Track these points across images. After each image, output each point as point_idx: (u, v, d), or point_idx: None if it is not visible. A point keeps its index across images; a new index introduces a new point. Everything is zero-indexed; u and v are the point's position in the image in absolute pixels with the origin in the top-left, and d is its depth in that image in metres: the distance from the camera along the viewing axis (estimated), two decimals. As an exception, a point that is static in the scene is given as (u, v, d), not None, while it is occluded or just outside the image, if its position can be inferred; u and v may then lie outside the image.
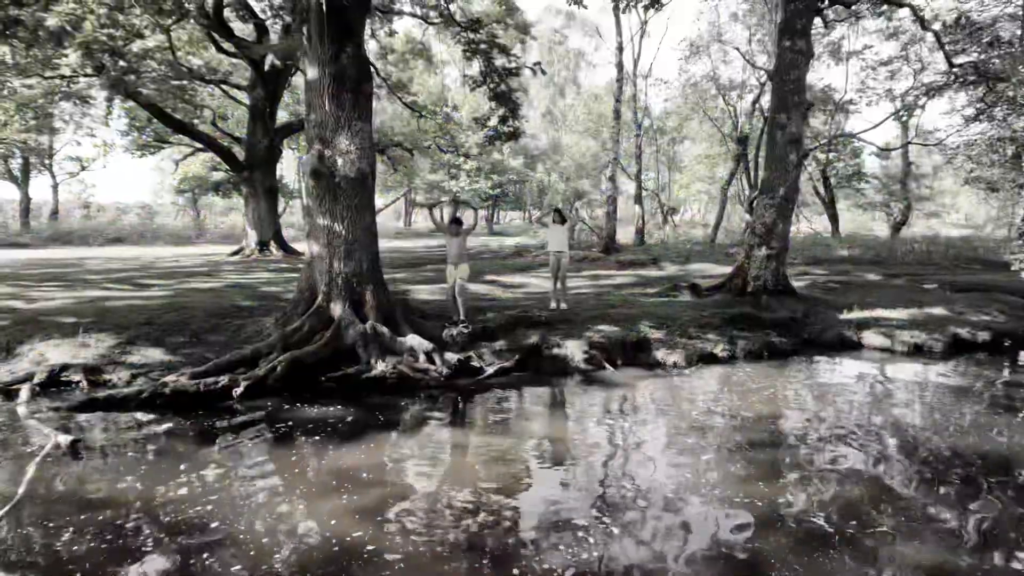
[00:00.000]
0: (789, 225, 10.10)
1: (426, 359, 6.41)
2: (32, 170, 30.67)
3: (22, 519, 3.34)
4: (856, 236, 25.62)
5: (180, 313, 7.82)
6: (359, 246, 6.89)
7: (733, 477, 4.03)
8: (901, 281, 12.51)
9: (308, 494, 3.70)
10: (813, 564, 3.00)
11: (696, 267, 14.60)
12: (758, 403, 5.69)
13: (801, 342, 8.05)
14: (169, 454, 4.40)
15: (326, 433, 4.76)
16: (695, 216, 47.45)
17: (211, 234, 28.41)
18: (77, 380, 5.97)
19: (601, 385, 6.30)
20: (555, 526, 3.34)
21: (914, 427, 5.18)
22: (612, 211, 20.02)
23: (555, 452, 4.49)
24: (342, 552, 3.04)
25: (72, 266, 14.61)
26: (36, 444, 4.44)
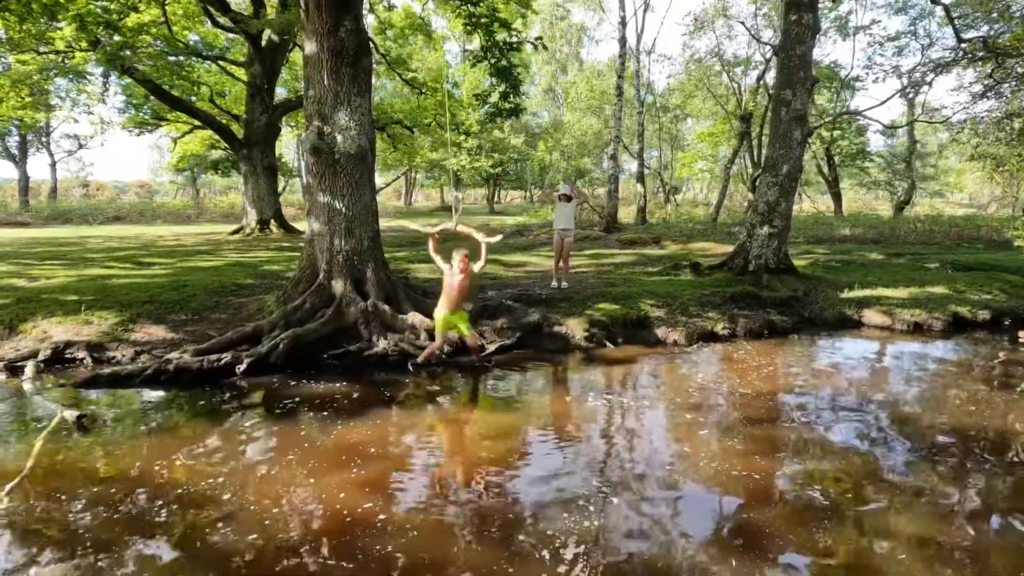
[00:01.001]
0: (792, 203, 10.04)
1: (428, 337, 6.44)
2: (30, 148, 30.45)
3: (31, 492, 3.40)
4: (859, 215, 25.52)
5: (182, 291, 7.83)
6: (359, 223, 6.87)
7: (731, 451, 4.08)
8: (903, 260, 12.49)
9: (315, 468, 3.75)
10: (808, 534, 3.06)
11: (698, 246, 14.57)
12: (757, 380, 5.72)
13: (801, 320, 8.07)
14: (175, 430, 4.45)
15: (330, 409, 4.81)
16: (697, 195, 47.16)
17: (211, 213, 28.29)
18: (81, 357, 6.01)
19: (602, 362, 6.34)
20: (557, 497, 3.39)
21: (911, 404, 5.22)
22: (613, 190, 19.87)
23: (556, 427, 4.54)
24: (353, 523, 3.10)
25: (73, 245, 14.59)
26: (42, 419, 4.49)
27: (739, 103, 24.13)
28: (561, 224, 8.91)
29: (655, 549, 2.92)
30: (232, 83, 20.39)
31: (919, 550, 2.93)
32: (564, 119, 39.91)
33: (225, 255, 12.37)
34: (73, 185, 43.55)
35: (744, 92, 24.53)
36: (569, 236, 8.95)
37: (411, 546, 2.89)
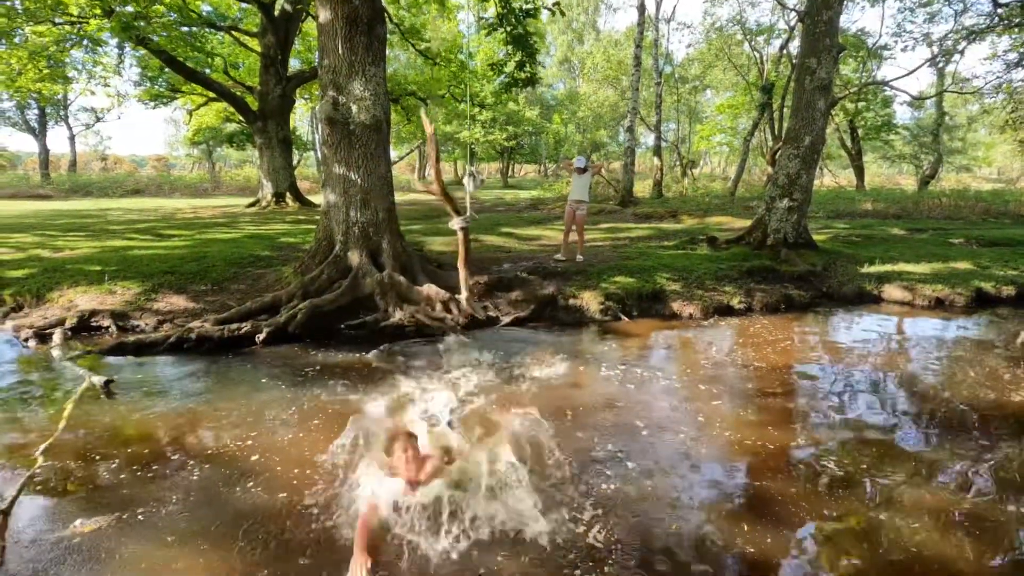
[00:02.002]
0: (813, 176, 9.83)
1: (443, 308, 6.49)
2: (49, 121, 30.75)
3: (63, 452, 3.53)
4: (881, 190, 24.90)
5: (201, 262, 7.95)
6: (375, 195, 6.88)
7: (744, 422, 4.09)
8: (926, 235, 12.22)
9: (335, 433, 3.84)
10: (820, 502, 3.08)
11: (715, 220, 14.37)
12: (773, 354, 5.70)
13: (819, 295, 7.98)
14: (199, 396, 4.57)
15: (349, 377, 4.90)
16: (714, 169, 46.33)
17: (227, 186, 28.45)
18: (106, 325, 6.16)
19: (616, 335, 6.35)
20: (572, 461, 3.44)
21: (928, 379, 5.17)
22: (630, 163, 19.59)
23: (570, 395, 4.57)
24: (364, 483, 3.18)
25: (94, 217, 14.82)
26: (71, 384, 4.64)
27: (761, 73, 23.45)
28: (575, 195, 8.87)
29: (668, 513, 2.96)
30: (246, 54, 20.28)
31: (932, 521, 2.94)
32: (580, 90, 39.19)
33: (242, 227, 12.49)
34: (92, 159, 44.07)
35: (766, 62, 23.82)
36: (582, 209, 8.89)
37: (427, 505, 2.97)
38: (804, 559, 2.67)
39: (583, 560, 2.60)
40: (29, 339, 5.77)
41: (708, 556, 2.64)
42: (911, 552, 2.70)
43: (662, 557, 2.63)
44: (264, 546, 2.66)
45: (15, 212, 15.99)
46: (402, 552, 2.59)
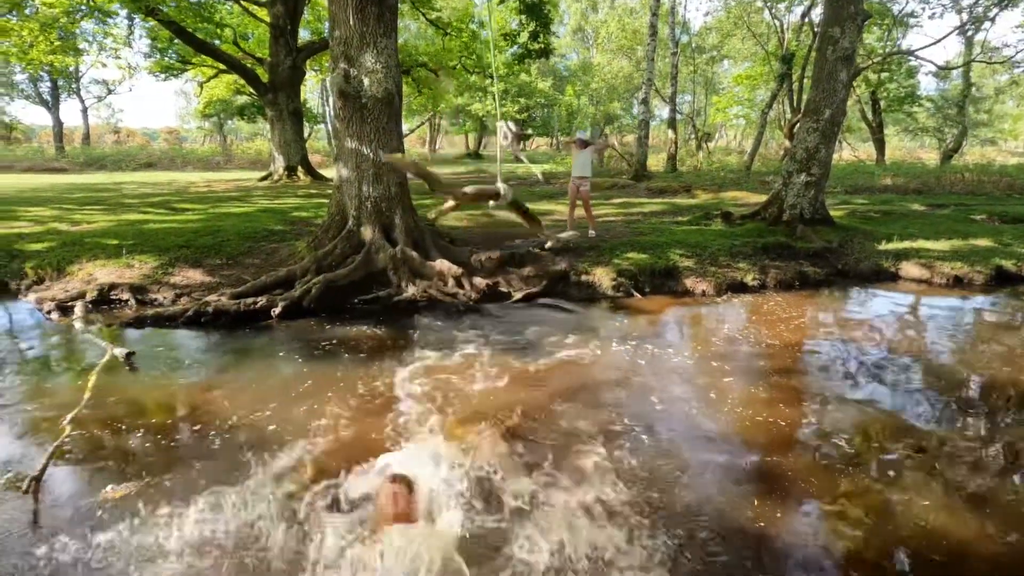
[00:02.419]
0: (832, 151, 9.61)
1: (455, 283, 6.52)
2: (61, 94, 30.80)
3: (89, 422, 3.64)
4: (902, 164, 24.32)
5: (215, 236, 8.02)
6: (387, 169, 6.85)
7: (756, 399, 4.11)
8: (947, 211, 11.98)
9: (353, 405, 3.92)
10: (831, 480, 3.11)
11: (730, 195, 14.17)
12: (786, 331, 5.67)
13: (835, 272, 7.89)
14: (218, 367, 4.67)
15: (363, 351, 4.97)
16: (730, 143, 45.44)
17: (238, 160, 28.46)
18: (125, 298, 6.27)
19: (628, 311, 6.35)
20: (585, 434, 3.49)
21: (943, 358, 5.13)
22: (644, 136, 19.26)
23: (582, 370, 4.61)
24: (380, 443, 3.26)
25: (109, 190, 14.94)
26: (94, 355, 4.75)
27: (781, 42, 22.78)
28: (577, 172, 8.75)
29: (683, 486, 3.01)
30: (255, 25, 20.03)
31: (942, 498, 2.96)
32: (594, 61, 38.37)
33: (255, 201, 12.53)
34: (104, 132, 44.23)
35: (787, 30, 23.10)
36: (585, 184, 8.76)
37: (430, 474, 3.04)
38: (813, 532, 2.70)
39: (602, 529, 2.65)
40: (51, 311, 5.89)
41: (721, 528, 2.69)
42: (920, 528, 2.72)
43: (678, 529, 2.68)
44: (281, 513, 2.74)
45: (32, 185, 16.15)
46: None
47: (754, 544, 2.60)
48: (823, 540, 2.66)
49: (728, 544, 2.59)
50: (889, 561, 2.52)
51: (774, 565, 2.49)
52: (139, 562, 2.43)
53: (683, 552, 2.53)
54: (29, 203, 11.51)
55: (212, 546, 2.52)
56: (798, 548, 2.59)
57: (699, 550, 2.54)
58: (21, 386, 4.24)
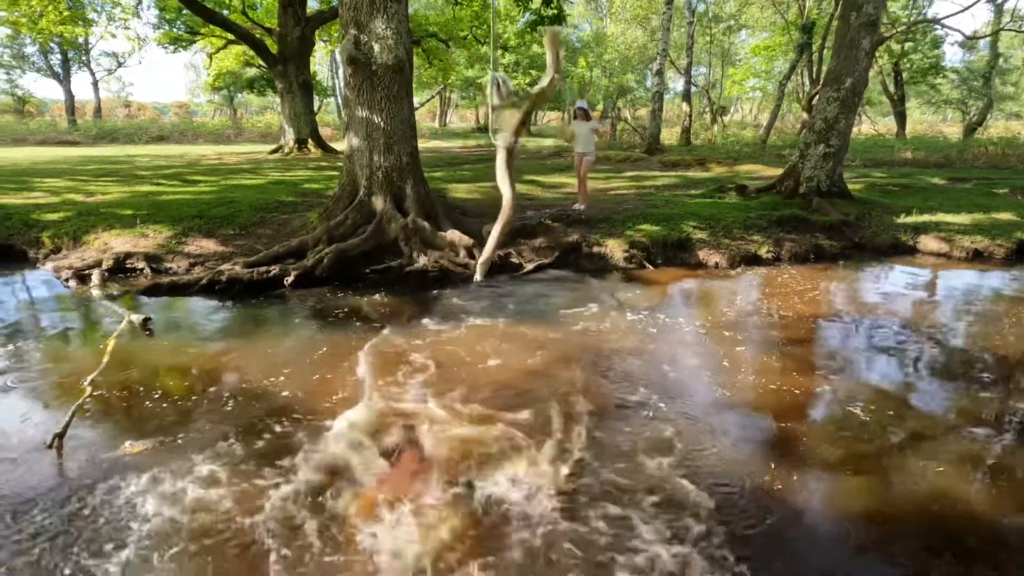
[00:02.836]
0: (852, 122, 9.38)
1: (466, 254, 6.51)
2: (72, 66, 30.76)
3: (108, 384, 3.71)
4: (923, 137, 23.71)
5: (228, 207, 8.04)
6: (398, 139, 6.80)
7: (769, 368, 4.09)
8: (969, 185, 11.70)
9: (366, 372, 3.96)
10: (845, 446, 3.10)
11: (745, 169, 13.93)
12: (800, 304, 5.62)
13: (852, 246, 7.77)
14: (232, 334, 4.73)
15: (375, 319, 5.01)
16: (745, 117, 44.51)
17: (249, 133, 28.39)
18: (140, 267, 6.34)
19: (640, 283, 6.31)
20: (599, 404, 3.51)
21: (959, 331, 5.06)
22: (658, 109, 18.89)
23: (595, 340, 4.61)
24: (403, 419, 3.31)
25: (122, 163, 14.99)
26: (111, 322, 4.83)
27: (801, 11, 22.06)
28: (579, 147, 8.57)
29: (693, 450, 3.02)
30: (263, -7, 19.74)
31: (955, 467, 2.95)
32: (607, 31, 37.47)
33: (266, 174, 12.53)
34: (116, 105, 44.24)
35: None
36: (588, 157, 8.58)
37: (451, 440, 3.08)
38: (826, 494, 2.71)
39: (621, 495, 2.68)
40: (69, 279, 5.98)
41: (740, 490, 2.70)
42: (930, 495, 2.72)
43: (695, 494, 2.70)
44: (292, 470, 2.80)
45: (46, 158, 16.25)
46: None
47: (771, 504, 2.61)
48: (834, 501, 2.67)
49: (746, 505, 2.61)
50: (897, 520, 2.53)
51: (790, 524, 2.50)
52: (154, 513, 2.50)
53: (702, 513, 2.55)
54: (44, 175, 11.59)
55: (220, 502, 2.58)
56: (812, 508, 2.60)
57: (718, 512, 2.56)
58: (42, 350, 4.32)
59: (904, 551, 2.38)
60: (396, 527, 2.41)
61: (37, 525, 2.44)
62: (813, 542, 2.44)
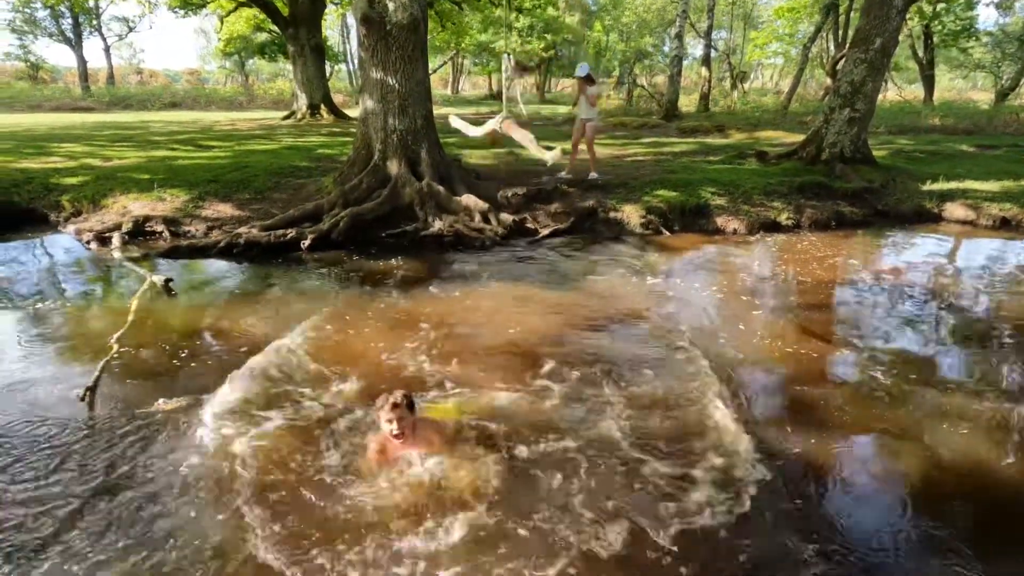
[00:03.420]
0: (879, 85, 9.07)
1: (482, 219, 6.47)
2: (83, 30, 30.56)
3: (133, 341, 3.79)
4: (952, 104, 22.90)
5: (243, 172, 8.05)
6: (413, 101, 6.70)
7: (785, 332, 4.07)
8: (999, 152, 11.33)
9: (380, 330, 4.00)
10: (863, 407, 3.09)
11: (765, 135, 13.59)
12: (819, 270, 5.55)
13: (874, 213, 7.61)
14: (251, 295, 4.79)
15: (391, 282, 5.03)
16: (765, 84, 43.18)
17: (261, 100, 28.16)
18: (159, 230, 6.40)
19: (657, 248, 6.26)
20: (616, 362, 3.52)
21: (981, 300, 4.97)
22: (676, 74, 18.41)
23: (608, 304, 4.59)
24: (415, 372, 3.35)
25: (136, 128, 15.00)
26: (132, 282, 4.90)
27: (829, -30, 21.11)
28: (583, 113, 8.19)
29: (708, 408, 3.03)
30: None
31: (972, 430, 2.93)
32: (625, -7, 36.25)
33: (280, 139, 12.47)
34: (128, 72, 44.03)
35: (836, -44, 21.33)
36: (590, 123, 8.21)
37: (461, 385, 3.12)
38: (840, 452, 2.71)
39: (639, 451, 2.71)
40: (90, 241, 6.06)
41: (756, 447, 2.72)
42: (944, 457, 2.72)
43: (712, 452, 2.72)
44: (317, 423, 2.86)
45: (62, 123, 16.29)
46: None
47: (778, 463, 2.63)
48: (848, 460, 2.67)
49: (760, 462, 2.62)
50: (911, 480, 2.53)
51: (798, 480, 2.52)
52: (182, 461, 2.58)
53: (718, 469, 2.57)
54: (61, 140, 11.64)
55: (243, 453, 2.65)
56: (827, 467, 2.62)
57: (734, 468, 2.58)
58: (69, 310, 4.42)
59: (920, 510, 2.38)
60: (409, 482, 2.46)
61: (72, 472, 2.53)
62: (819, 497, 2.45)
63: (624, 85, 28.57)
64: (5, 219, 6.58)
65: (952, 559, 2.11)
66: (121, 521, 2.25)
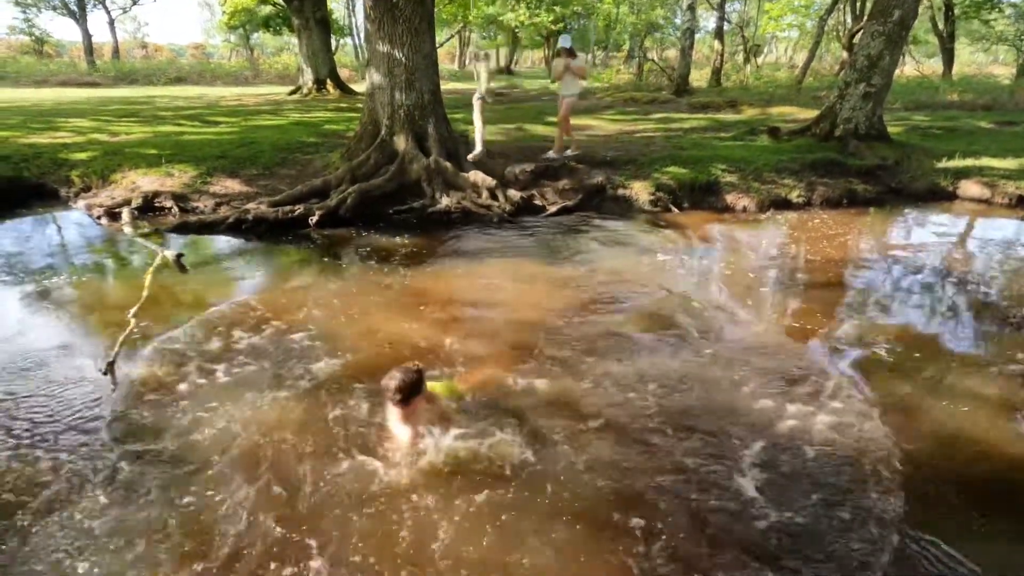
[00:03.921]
0: (897, 59, 8.84)
1: (489, 195, 6.44)
2: (87, 2, 30.25)
3: (152, 315, 3.83)
4: (971, 79, 22.32)
5: (250, 148, 8.03)
6: (420, 75, 6.62)
7: (792, 309, 4.06)
8: (1019, 128, 11.08)
9: (388, 305, 4.03)
10: (870, 380, 3.10)
11: (778, 111, 13.35)
12: (829, 248, 5.50)
13: (887, 191, 7.49)
14: (262, 270, 4.82)
15: (399, 259, 5.05)
16: (779, 58, 42.18)
17: (267, 74, 27.92)
18: (168, 206, 6.42)
19: (665, 226, 6.21)
20: (620, 338, 3.53)
21: (992, 279, 4.92)
22: (688, 47, 18.01)
23: (616, 280, 4.59)
24: (426, 348, 3.39)
25: (142, 103, 14.94)
26: (143, 258, 4.95)
27: (848, -62, 20.45)
28: (564, 90, 7.81)
29: (719, 381, 3.05)
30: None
31: (976, 405, 2.93)
32: (636, -37, 35.29)
33: (286, 115, 12.40)
34: (132, 47, 43.68)
35: (857, -77, 20.61)
36: (571, 97, 7.81)
37: (470, 364, 3.15)
38: (846, 428, 2.73)
39: (654, 421, 2.74)
40: (101, 217, 6.10)
41: (755, 422, 2.74)
42: (951, 430, 2.73)
43: (724, 423, 2.74)
44: (329, 393, 2.91)
45: (68, 98, 16.25)
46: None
47: (787, 433, 2.65)
48: (852, 433, 2.69)
49: (758, 435, 2.65)
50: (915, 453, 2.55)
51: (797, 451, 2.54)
52: (197, 432, 2.64)
53: (718, 441, 2.60)
54: (68, 115, 11.62)
55: (253, 420, 2.71)
56: (829, 441, 2.64)
57: (733, 440, 2.61)
58: (84, 285, 4.47)
59: (923, 483, 2.40)
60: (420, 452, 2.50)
61: (97, 441, 2.60)
62: (822, 470, 2.48)
63: (634, 59, 28.01)
64: (16, 194, 6.63)
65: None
66: (145, 486, 2.32)
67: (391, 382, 2.46)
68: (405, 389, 2.44)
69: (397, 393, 2.44)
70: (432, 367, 3.18)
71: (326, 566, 1.98)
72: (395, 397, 2.45)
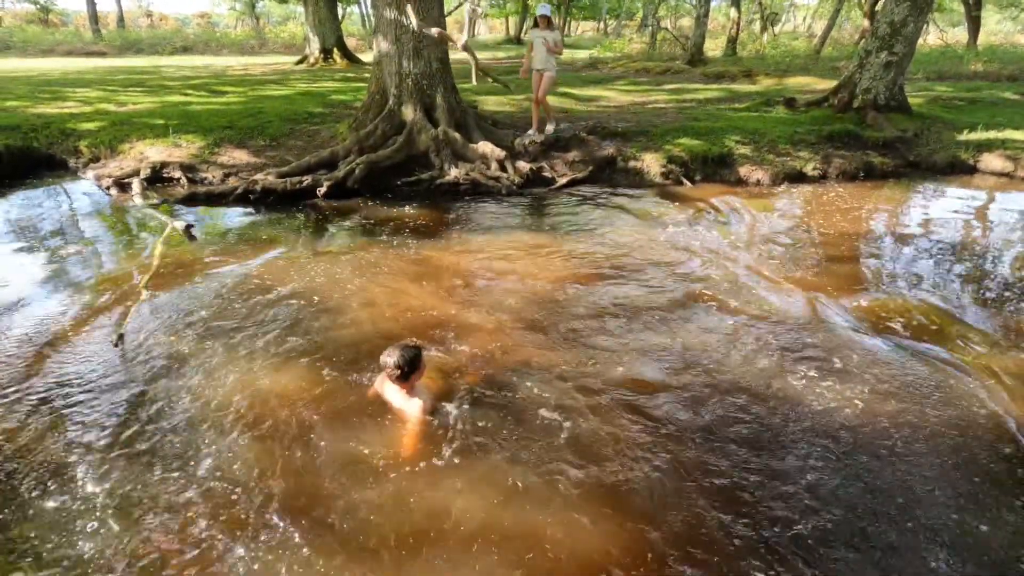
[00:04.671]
0: (921, 27, 8.51)
1: (498, 167, 6.36)
2: (91, -29, 29.78)
3: (163, 284, 3.86)
4: (997, 48, 21.57)
5: (257, 118, 7.96)
6: (428, 43, 6.48)
7: (805, 280, 4.01)
8: (1044, 100, 10.71)
9: (396, 278, 4.02)
10: (879, 360, 3.07)
11: (795, 81, 12.99)
12: (843, 222, 5.41)
13: (906, 164, 7.31)
14: (270, 241, 4.81)
15: (407, 230, 5.02)
16: (797, 27, 40.92)
17: (273, 44, 27.53)
18: (177, 177, 6.41)
19: (677, 199, 6.12)
20: (630, 311, 3.51)
21: (1010, 255, 4.82)
22: (703, 15, 17.47)
23: (625, 253, 4.54)
24: (435, 319, 3.39)
25: (149, 73, 14.81)
26: (154, 227, 4.96)
27: (874, -102, 19.54)
28: (537, 64, 6.95)
29: (732, 354, 3.03)
30: None
31: (994, 380, 2.90)
32: (651, -73, 34.09)
33: (293, 85, 12.25)
34: (138, 15, 43.11)
35: None
36: (550, 72, 6.97)
37: (478, 336, 3.15)
38: (858, 399, 2.72)
39: (669, 395, 2.74)
40: (110, 187, 6.10)
41: (763, 394, 2.73)
42: (961, 399, 2.70)
43: (736, 390, 2.74)
44: (342, 360, 2.92)
45: (75, 68, 16.14)
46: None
47: (793, 407, 2.64)
48: (858, 405, 2.68)
49: (765, 411, 2.64)
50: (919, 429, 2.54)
51: (805, 424, 2.54)
52: (209, 397, 2.67)
53: (726, 412, 2.60)
54: (74, 84, 11.55)
55: (265, 390, 2.73)
56: (835, 412, 2.62)
57: (740, 413, 2.61)
58: (95, 255, 4.50)
59: (935, 458, 2.39)
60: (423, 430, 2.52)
61: (111, 407, 2.64)
62: (827, 440, 2.47)
63: (647, 28, 27.27)
64: (26, 165, 6.64)
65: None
66: (156, 448, 2.36)
67: (389, 359, 2.48)
68: (404, 366, 2.47)
69: (396, 369, 2.46)
70: (440, 341, 3.19)
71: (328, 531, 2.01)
72: (394, 373, 2.47)
